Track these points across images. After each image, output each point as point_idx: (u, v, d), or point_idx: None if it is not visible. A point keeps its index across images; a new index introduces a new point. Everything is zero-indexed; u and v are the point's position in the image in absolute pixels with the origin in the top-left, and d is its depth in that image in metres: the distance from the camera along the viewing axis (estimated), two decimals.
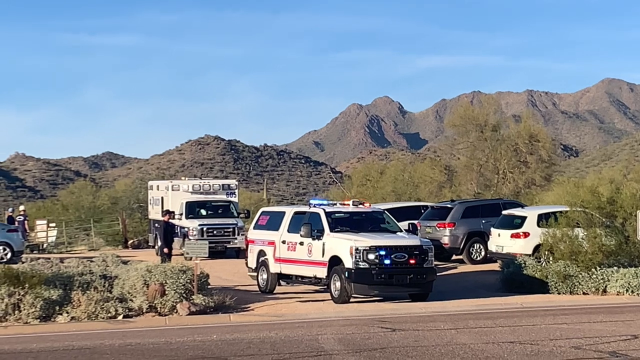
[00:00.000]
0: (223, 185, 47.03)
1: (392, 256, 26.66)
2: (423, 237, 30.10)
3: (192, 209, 43.77)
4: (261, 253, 30.53)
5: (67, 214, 68.51)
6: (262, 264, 30.38)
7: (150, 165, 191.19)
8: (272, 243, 30.01)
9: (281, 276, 29.93)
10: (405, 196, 65.72)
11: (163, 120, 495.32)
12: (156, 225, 46.90)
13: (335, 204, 30.38)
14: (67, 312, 24.67)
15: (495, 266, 33.15)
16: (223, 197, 45.59)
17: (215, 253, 39.54)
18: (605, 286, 28.81)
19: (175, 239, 44.00)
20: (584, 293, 28.75)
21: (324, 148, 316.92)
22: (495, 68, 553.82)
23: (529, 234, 33.77)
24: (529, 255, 32.69)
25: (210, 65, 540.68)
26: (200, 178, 50.05)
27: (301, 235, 28.30)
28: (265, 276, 30.23)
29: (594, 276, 29.11)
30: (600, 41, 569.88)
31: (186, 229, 42.53)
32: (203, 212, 44.09)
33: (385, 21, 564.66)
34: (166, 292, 25.62)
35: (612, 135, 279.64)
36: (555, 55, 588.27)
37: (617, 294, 28.43)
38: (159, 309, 25.44)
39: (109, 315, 24.75)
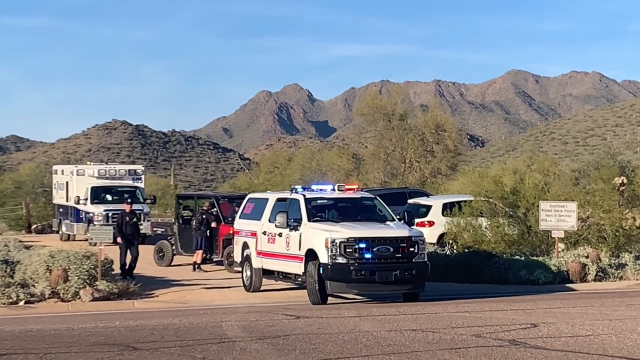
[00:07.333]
0: (129, 170, 46.79)
1: (374, 249, 23.15)
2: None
3: (97, 194, 43.48)
4: (245, 245, 27.39)
5: None
6: (246, 259, 27.19)
7: (56, 149, 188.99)
8: (254, 234, 26.78)
9: (265, 272, 26.51)
10: None
11: (70, 104, 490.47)
12: (60, 210, 46.37)
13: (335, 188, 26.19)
14: None
15: None
16: (129, 182, 45.36)
17: None
18: (508, 275, 29.19)
19: (80, 224, 43.59)
20: (486, 282, 29.10)
21: (233, 134, 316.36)
22: (405, 58, 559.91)
23: (433, 222, 34.15)
24: (434, 244, 33.10)
25: (120, 49, 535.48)
26: (107, 163, 49.70)
27: (276, 226, 25.08)
28: (249, 273, 26.97)
29: (497, 265, 29.50)
30: (507, 33, 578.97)
31: (91, 214, 42.18)
32: (109, 197, 43.80)
33: (299, 8, 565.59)
34: (69, 278, 25.33)
35: (517, 126, 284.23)
36: (464, 46, 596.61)
37: (519, 283, 28.82)
38: (61, 295, 25.15)
39: (10, 301, 24.42)
